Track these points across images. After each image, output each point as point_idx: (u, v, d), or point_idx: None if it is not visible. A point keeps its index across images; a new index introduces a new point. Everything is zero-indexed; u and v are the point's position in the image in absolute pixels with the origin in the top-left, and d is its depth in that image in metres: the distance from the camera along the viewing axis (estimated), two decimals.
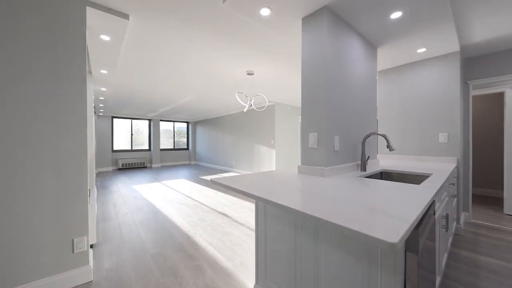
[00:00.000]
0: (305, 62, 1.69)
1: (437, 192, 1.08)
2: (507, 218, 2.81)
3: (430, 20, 1.77)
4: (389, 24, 1.82)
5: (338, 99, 1.69)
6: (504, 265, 1.78)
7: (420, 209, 0.78)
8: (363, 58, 2.03)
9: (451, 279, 1.59)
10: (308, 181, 1.35)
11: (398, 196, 0.97)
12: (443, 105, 2.45)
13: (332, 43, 1.62)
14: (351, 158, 1.85)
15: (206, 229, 2.50)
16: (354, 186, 1.19)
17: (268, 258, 1.31)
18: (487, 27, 2.01)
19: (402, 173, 1.86)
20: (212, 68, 3.17)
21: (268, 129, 6.04)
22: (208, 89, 4.39)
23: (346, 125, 1.78)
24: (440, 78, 2.47)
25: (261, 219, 1.35)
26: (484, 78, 2.60)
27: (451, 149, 2.40)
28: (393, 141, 2.86)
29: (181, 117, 9.30)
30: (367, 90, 2.10)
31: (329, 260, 0.95)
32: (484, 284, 1.54)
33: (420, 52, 2.39)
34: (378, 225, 0.64)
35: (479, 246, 2.10)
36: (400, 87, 2.79)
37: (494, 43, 2.34)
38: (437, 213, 1.30)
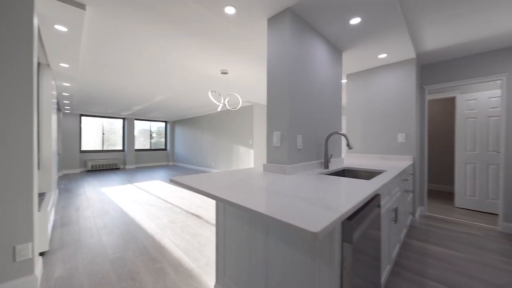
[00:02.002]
0: (270, 63, 1.72)
1: (381, 187, 1.16)
2: (458, 211, 3.11)
3: (387, 28, 1.91)
4: (350, 29, 1.92)
5: (302, 100, 1.74)
6: (450, 253, 1.96)
7: (354, 203, 0.83)
8: (328, 61, 2.12)
9: (401, 267, 1.72)
10: (269, 178, 1.37)
11: (345, 191, 1.03)
12: (402, 107, 2.65)
13: (296, 45, 1.67)
14: (314, 156, 1.91)
15: (175, 231, 2.42)
16: (310, 183, 1.24)
17: (227, 256, 1.30)
18: (436, 37, 2.22)
19: (362, 170, 1.97)
20: (186, 66, 3.10)
21: (246, 129, 6.05)
22: (183, 87, 4.28)
23: (309, 124, 1.84)
24: (399, 83, 2.66)
25: (221, 218, 1.34)
26: (438, 83, 2.86)
27: (408, 148, 2.60)
28: (359, 141, 3.02)
29: (158, 116, 8.95)
30: (332, 92, 2.20)
31: (278, 254, 0.98)
32: (430, 271, 1.69)
33: (381, 58, 2.57)
34: (311, 217, 0.67)
35: (430, 236, 2.30)
36: (366, 90, 2.96)
37: (443, 52, 2.58)
38: (386, 206, 1.39)
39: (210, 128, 7.50)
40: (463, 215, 2.95)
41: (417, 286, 1.50)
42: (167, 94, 4.85)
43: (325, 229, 0.59)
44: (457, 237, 2.28)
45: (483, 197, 3.03)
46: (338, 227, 0.78)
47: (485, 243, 2.15)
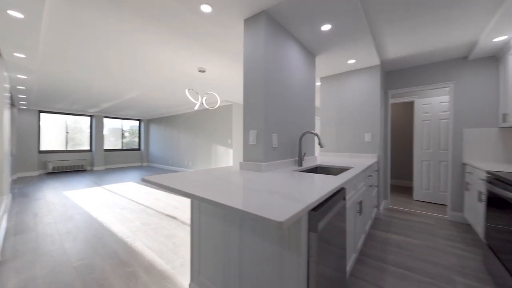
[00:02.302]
0: (247, 63, 1.76)
1: (346, 182, 1.26)
2: (415, 203, 3.48)
3: (354, 36, 2.07)
4: (322, 35, 2.04)
5: (277, 100, 1.81)
6: (408, 241, 2.20)
7: (319, 195, 0.90)
8: (302, 64, 2.23)
9: (365, 255, 1.88)
10: (244, 176, 1.41)
11: (314, 186, 1.10)
12: (368, 110, 2.88)
13: (272, 46, 1.73)
14: (289, 155, 2.00)
15: (148, 234, 2.33)
16: (283, 179, 1.30)
17: (202, 254, 1.31)
18: (396, 47, 2.46)
19: (333, 167, 2.11)
20: (162, 63, 2.99)
21: (225, 129, 6.02)
22: (159, 84, 4.11)
23: (284, 124, 1.92)
24: (366, 87, 2.89)
25: (196, 216, 1.34)
26: (399, 89, 3.16)
27: (373, 147, 2.84)
28: (331, 140, 3.21)
29: (131, 114, 8.45)
30: (306, 93, 2.31)
31: (251, 248, 1.01)
32: (391, 257, 1.88)
33: (350, 63, 2.76)
34: (280, 209, 0.72)
35: (392, 227, 2.54)
36: (338, 93, 3.16)
37: (403, 61, 2.87)
38: (351, 200, 1.52)
39: (188, 127, 7.30)
40: (420, 206, 3.31)
41: (379, 272, 1.66)
42: (141, 90, 4.62)
43: (290, 218, 0.64)
44: (414, 226, 2.55)
45: (436, 190, 3.43)
46: (305, 218, 0.85)
47: (436, 230, 2.44)
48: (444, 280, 1.56)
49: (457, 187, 2.75)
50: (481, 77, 2.60)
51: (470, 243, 2.15)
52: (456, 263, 1.79)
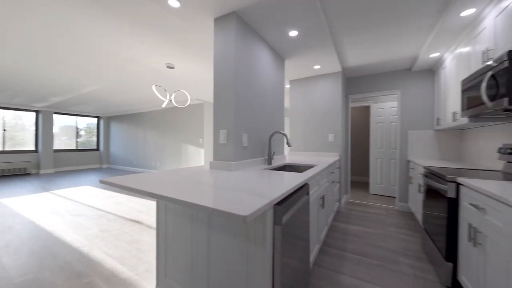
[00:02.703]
0: (217, 62, 1.76)
1: (309, 178, 1.37)
2: (371, 196, 3.90)
3: (319, 43, 2.23)
4: (290, 40, 2.16)
5: (247, 99, 1.85)
6: (364, 230, 2.46)
7: (283, 191, 0.97)
8: (272, 66, 2.32)
9: (327, 246, 2.06)
10: (214, 175, 1.41)
11: (280, 182, 1.17)
12: (331, 112, 3.13)
13: (242, 47, 1.77)
14: (259, 154, 2.06)
15: (108, 241, 2.15)
16: (252, 177, 1.35)
17: (169, 256, 1.27)
18: (355, 56, 2.73)
19: (300, 165, 2.25)
20: (125, 56, 2.77)
21: (196, 128, 5.85)
22: (121, 79, 3.79)
23: (254, 123, 1.98)
24: (330, 91, 3.14)
25: (162, 218, 1.30)
26: (357, 94, 3.51)
27: (336, 147, 3.10)
28: (300, 140, 3.40)
29: (88, 111, 7.59)
30: (275, 94, 2.41)
31: (219, 245, 1.03)
32: (349, 246, 2.08)
33: (316, 68, 2.97)
34: (246, 204, 0.75)
35: (351, 218, 2.81)
36: (305, 95, 3.35)
37: (360, 69, 3.19)
38: (315, 195, 1.65)
39: (155, 126, 6.88)
40: (375, 199, 3.72)
41: (339, 260, 1.83)
42: (100, 84, 4.20)
43: (253, 213, 0.69)
44: (369, 217, 2.87)
45: (387, 184, 3.90)
46: (270, 212, 0.90)
47: (386, 220, 2.79)
48: (391, 262, 1.80)
49: (403, 181, 3.18)
50: (421, 86, 3.06)
51: (412, 228, 2.51)
52: (401, 246, 2.07)
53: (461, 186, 1.40)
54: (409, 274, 1.63)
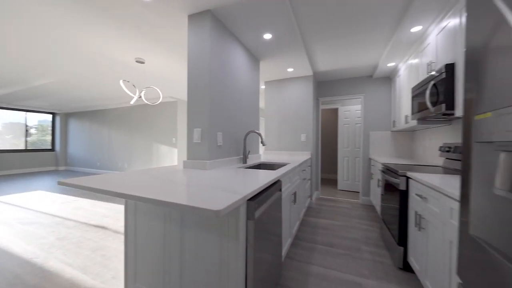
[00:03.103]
0: (191, 59, 1.73)
1: (281, 175, 1.44)
2: (339, 192, 4.20)
3: (292, 47, 2.34)
4: (264, 42, 2.22)
5: (222, 99, 1.86)
6: (332, 223, 2.65)
7: (256, 187, 1.01)
8: (247, 67, 2.36)
9: (299, 239, 2.18)
10: (188, 174, 1.39)
11: (254, 179, 1.21)
12: (304, 113, 3.30)
13: (217, 46, 1.77)
14: (234, 153, 2.08)
15: (67, 249, 1.96)
16: (227, 176, 1.36)
17: (138, 260, 1.22)
18: (324, 61, 2.92)
19: (274, 163, 2.33)
20: (90, 47, 2.53)
21: (169, 127, 5.60)
22: (81, 71, 3.45)
23: (229, 122, 1.99)
24: (302, 93, 3.30)
25: (131, 219, 1.24)
26: (327, 97, 3.75)
27: (307, 146, 3.27)
28: (274, 139, 3.51)
29: (41, 106, 6.72)
30: (250, 94, 2.45)
31: (193, 243, 1.03)
32: (319, 238, 2.23)
33: (289, 71, 3.09)
34: (220, 200, 0.77)
35: (321, 213, 3.00)
36: (280, 96, 3.47)
37: (329, 74, 3.43)
38: (287, 191, 1.73)
39: (123, 124, 6.40)
40: (342, 194, 4.02)
41: (309, 251, 1.95)
42: (58, 77, 3.76)
43: (226, 208, 0.71)
44: (337, 211, 3.09)
45: (353, 181, 4.24)
46: (243, 207, 0.94)
47: (351, 212, 3.04)
48: (355, 250, 1.98)
49: (365, 177, 3.50)
50: (381, 92, 3.40)
51: (373, 219, 2.79)
52: (363, 236, 2.29)
53: (410, 180, 1.61)
54: (369, 260, 1.82)
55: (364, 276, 1.59)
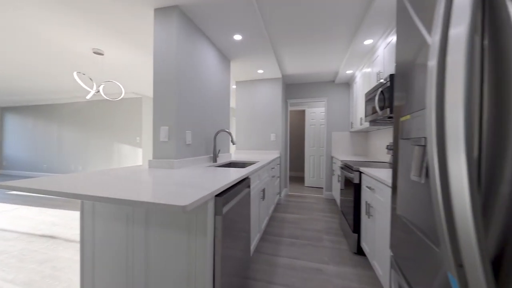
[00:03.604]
0: (157, 55, 1.67)
1: (250, 172, 1.51)
2: (306, 188, 4.48)
3: (261, 50, 2.42)
4: (235, 43, 2.26)
5: (191, 97, 1.84)
6: (298, 217, 2.82)
7: (224, 183, 1.05)
8: (218, 66, 2.36)
9: (267, 234, 2.28)
10: (154, 173, 1.35)
11: (223, 177, 1.24)
12: (273, 114, 3.43)
13: (186, 43, 1.74)
14: (204, 152, 2.07)
15: (8, 264, 1.70)
16: (196, 174, 1.36)
17: (97, 267, 1.14)
18: (291, 65, 3.09)
19: (244, 162, 2.38)
20: (38, 32, 2.21)
21: (133, 125, 5.21)
22: (29, 60, 2.99)
23: (199, 121, 1.98)
24: (272, 95, 3.44)
25: (88, 223, 1.16)
26: (295, 99, 3.97)
27: (277, 145, 3.42)
28: (246, 139, 3.57)
29: None
30: (221, 94, 2.46)
31: (159, 243, 1.02)
32: (286, 231, 2.36)
33: (260, 73, 3.19)
34: (187, 196, 0.79)
35: (288, 208, 3.17)
36: (251, 97, 3.54)
37: (296, 77, 3.64)
38: (256, 188, 1.81)
39: (77, 121, 5.71)
40: (308, 191, 4.30)
41: (277, 244, 2.06)
42: None
43: (194, 202, 0.74)
44: (303, 206, 3.31)
45: (318, 177, 4.57)
46: (211, 203, 0.96)
47: (315, 206, 3.28)
48: (317, 240, 2.16)
49: (328, 173, 3.81)
50: (341, 96, 3.75)
51: (334, 211, 3.07)
52: (325, 227, 2.51)
53: (362, 174, 1.84)
54: (329, 248, 2.01)
55: (325, 262, 1.76)
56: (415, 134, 0.61)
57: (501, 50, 0.36)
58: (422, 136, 0.56)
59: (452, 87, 0.36)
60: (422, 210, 0.57)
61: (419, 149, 0.57)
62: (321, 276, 1.58)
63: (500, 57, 0.36)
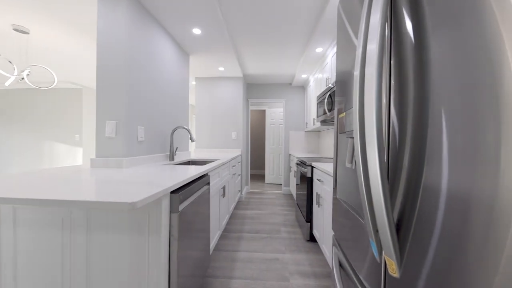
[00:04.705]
0: (102, 40, 1.49)
1: (209, 169, 1.49)
2: (266, 185, 4.65)
3: (221, 47, 2.41)
4: (194, 37, 2.18)
5: (145, 89, 1.70)
6: (258, 212, 2.92)
7: (180, 180, 1.02)
8: (176, 60, 2.24)
9: (228, 231, 2.29)
10: (98, 172, 1.20)
11: (180, 174, 1.20)
12: (234, 112, 3.45)
13: (139, 32, 1.60)
14: (160, 149, 1.95)
15: None
16: (149, 172, 1.27)
17: (20, 286, 0.96)
18: (252, 65, 3.17)
19: (205, 160, 2.33)
20: None
21: (71, 120, 4.45)
22: None
23: (154, 116, 1.84)
24: (233, 93, 3.45)
25: (7, 234, 0.95)
26: (255, 99, 4.07)
27: (238, 143, 3.45)
28: (206, 137, 3.48)
29: None
30: (179, 88, 2.35)
31: (104, 250, 0.92)
32: (246, 227, 2.41)
33: (220, 70, 3.16)
34: (137, 193, 0.74)
35: (249, 205, 3.24)
36: (212, 94, 3.47)
37: (257, 78, 3.75)
38: (216, 185, 1.80)
39: None
40: (268, 187, 4.48)
41: (237, 241, 2.09)
42: None
43: (144, 199, 0.70)
44: (263, 202, 3.43)
45: (277, 174, 4.81)
46: (166, 200, 0.92)
47: (275, 202, 3.45)
48: (276, 232, 2.29)
49: (286, 170, 4.05)
50: (297, 98, 4.03)
51: (291, 205, 3.29)
52: (282, 220, 2.67)
53: (314, 168, 2.04)
54: (285, 238, 2.15)
55: (281, 252, 1.88)
56: (349, 128, 0.72)
57: (400, 58, 0.47)
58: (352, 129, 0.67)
59: (368, 92, 0.45)
60: (353, 192, 0.69)
61: (351, 141, 0.68)
62: (278, 265, 1.68)
63: (401, 65, 0.47)
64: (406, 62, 0.45)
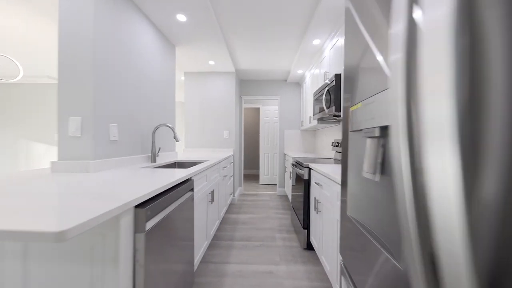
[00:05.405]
0: (64, 24, 1.25)
1: (193, 173, 1.29)
2: (260, 186, 4.47)
3: (210, 37, 2.19)
4: (178, 24, 1.95)
5: (119, 82, 1.47)
6: (251, 216, 2.73)
7: (150, 190, 0.82)
8: (159, 50, 2.01)
9: (218, 239, 2.09)
10: (52, 179, 0.98)
11: (154, 180, 0.99)
12: (226, 110, 3.24)
13: (111, 16, 1.37)
14: (139, 150, 1.72)
15: None
16: (120, 177, 1.06)
17: None
18: (244, 60, 2.97)
19: (193, 161, 2.12)
20: None
21: (48, 118, 4.13)
22: None
23: (131, 113, 1.62)
24: (225, 89, 3.24)
25: None
26: (249, 95, 3.87)
27: (230, 143, 3.25)
28: (196, 136, 3.26)
29: None
30: (164, 83, 2.12)
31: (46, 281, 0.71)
32: (238, 233, 2.22)
33: (211, 64, 2.94)
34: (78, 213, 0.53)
35: (242, 208, 3.05)
36: (202, 90, 3.25)
37: (250, 74, 3.54)
38: (202, 190, 1.59)
39: None
40: (263, 188, 4.30)
41: (227, 250, 1.89)
42: None
43: (81, 225, 0.50)
44: (257, 204, 3.25)
45: (272, 175, 4.63)
46: (127, 218, 0.72)
47: (269, 204, 3.27)
48: (270, 239, 2.11)
49: (281, 170, 3.88)
50: (293, 95, 3.85)
51: (286, 208, 3.11)
52: (277, 224, 2.49)
53: (311, 170, 1.86)
54: (280, 246, 1.97)
55: (276, 263, 1.70)
56: (367, 124, 0.54)
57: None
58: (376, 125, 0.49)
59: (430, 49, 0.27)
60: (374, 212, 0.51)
61: (372, 142, 0.50)
62: (272, 280, 1.50)
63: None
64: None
